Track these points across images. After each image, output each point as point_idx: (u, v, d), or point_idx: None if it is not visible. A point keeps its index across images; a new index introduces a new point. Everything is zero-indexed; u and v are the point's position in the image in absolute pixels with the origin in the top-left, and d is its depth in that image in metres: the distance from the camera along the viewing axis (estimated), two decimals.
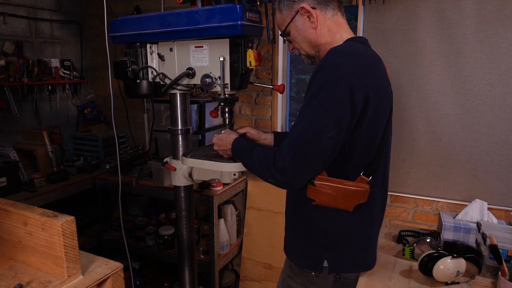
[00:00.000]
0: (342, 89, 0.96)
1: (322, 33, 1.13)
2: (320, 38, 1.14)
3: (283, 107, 2.55)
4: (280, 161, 1.00)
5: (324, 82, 0.98)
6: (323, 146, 0.97)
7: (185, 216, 1.65)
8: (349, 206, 1.07)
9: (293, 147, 0.99)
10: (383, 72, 1.08)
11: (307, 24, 1.13)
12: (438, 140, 2.08)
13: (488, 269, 1.26)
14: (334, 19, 1.14)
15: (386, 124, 1.08)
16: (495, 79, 1.90)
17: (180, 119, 1.56)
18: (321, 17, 1.12)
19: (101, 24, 2.96)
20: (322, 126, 0.96)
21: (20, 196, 2.11)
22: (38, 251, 0.82)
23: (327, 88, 0.97)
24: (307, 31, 1.14)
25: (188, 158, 1.40)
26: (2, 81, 2.32)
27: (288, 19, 1.15)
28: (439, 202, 2.14)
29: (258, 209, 2.46)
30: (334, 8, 1.13)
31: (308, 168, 1.00)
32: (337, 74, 0.97)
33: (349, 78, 0.96)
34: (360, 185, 1.06)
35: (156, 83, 1.49)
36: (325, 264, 1.12)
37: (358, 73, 0.97)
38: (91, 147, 2.75)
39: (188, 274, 1.74)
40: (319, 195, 1.07)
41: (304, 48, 1.18)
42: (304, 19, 1.13)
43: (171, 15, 1.34)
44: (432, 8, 1.96)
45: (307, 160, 0.99)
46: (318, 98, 0.97)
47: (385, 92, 1.07)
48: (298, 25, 1.15)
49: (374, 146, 1.06)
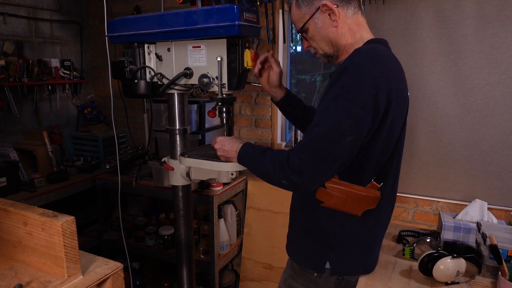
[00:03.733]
0: (367, 91, 0.93)
1: (343, 32, 1.08)
2: (340, 37, 1.09)
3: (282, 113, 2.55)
4: (296, 162, 0.96)
5: (349, 85, 0.94)
6: (343, 149, 0.94)
7: (183, 215, 1.65)
8: (358, 211, 1.06)
9: (311, 149, 0.95)
10: (403, 76, 1.06)
11: (328, 22, 1.08)
12: (438, 140, 2.08)
13: (488, 269, 1.26)
14: (355, 18, 1.09)
15: (401, 129, 1.05)
16: (495, 79, 1.90)
17: (178, 119, 1.56)
18: (343, 15, 1.07)
19: (101, 24, 2.96)
20: (344, 129, 0.92)
21: (20, 196, 2.11)
22: (38, 251, 0.82)
23: (352, 90, 0.93)
24: (328, 30, 1.08)
25: (186, 157, 1.40)
26: (2, 81, 2.32)
27: (307, 16, 1.09)
28: (439, 202, 2.14)
29: (258, 209, 2.46)
30: (355, 6, 1.08)
31: (325, 171, 0.97)
32: (363, 76, 0.93)
33: (375, 80, 0.93)
34: (370, 191, 1.04)
35: (154, 83, 1.49)
36: (327, 265, 1.12)
37: (383, 76, 0.94)
38: (91, 147, 2.75)
39: (186, 274, 1.74)
40: (328, 198, 1.05)
41: (322, 47, 1.13)
42: (325, 17, 1.07)
43: (169, 15, 1.34)
44: (432, 8, 1.96)
45: (324, 163, 0.95)
46: (342, 100, 0.94)
47: (404, 97, 1.04)
48: (318, 22, 1.09)
49: (388, 152, 1.04)
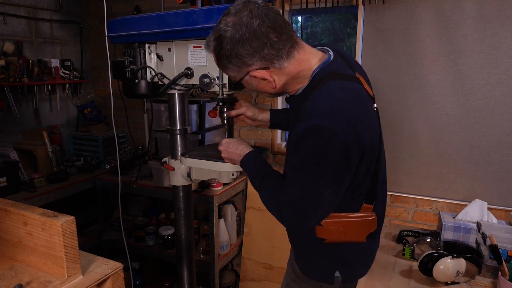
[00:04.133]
0: (336, 151, 0.88)
1: (285, 81, 0.99)
2: (283, 86, 1.01)
3: (283, 107, 2.55)
4: (284, 212, 0.98)
5: (315, 149, 0.89)
6: (323, 203, 0.94)
7: (184, 216, 1.65)
8: (362, 237, 1.06)
9: (293, 207, 0.96)
10: (365, 100, 0.97)
11: (263, 82, 0.99)
12: (438, 140, 2.08)
13: (488, 269, 1.26)
14: (292, 61, 0.95)
15: (378, 151, 1.02)
16: (495, 79, 1.90)
17: (178, 119, 1.56)
18: (278, 72, 0.96)
19: (101, 24, 2.96)
20: (321, 186, 0.91)
21: (20, 196, 2.11)
22: (38, 251, 0.82)
23: (320, 154, 0.89)
24: (265, 88, 1.02)
25: (186, 158, 1.40)
26: (2, 81, 2.32)
27: (238, 77, 1.00)
28: (439, 202, 2.13)
29: (258, 209, 2.46)
30: (288, 51, 0.93)
31: (310, 221, 0.99)
32: (327, 139, 0.87)
33: (341, 139, 0.87)
34: (366, 215, 1.04)
35: (155, 83, 1.49)
36: (337, 274, 1.11)
37: (348, 131, 0.88)
38: (91, 147, 2.75)
39: (186, 274, 1.74)
40: (329, 234, 1.06)
41: (266, 95, 1.11)
42: (257, 80, 0.99)
43: (169, 15, 1.34)
44: (432, 8, 1.96)
45: (307, 216, 0.97)
46: (312, 163, 0.90)
47: (373, 125, 0.98)
48: (252, 84, 1.01)
49: (370, 175, 1.03)
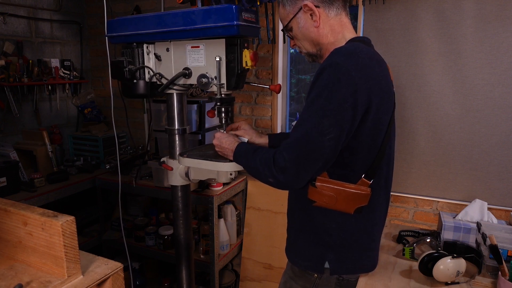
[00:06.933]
0: (345, 91, 0.95)
1: (324, 32, 1.11)
2: (322, 37, 1.12)
3: (283, 107, 2.55)
4: (281, 161, 1.00)
5: (327, 84, 0.96)
6: (324, 147, 0.97)
7: (182, 215, 1.65)
8: (350, 209, 1.07)
9: (294, 148, 0.99)
10: (386, 73, 1.07)
11: (310, 22, 1.11)
12: (438, 140, 2.08)
13: (488, 269, 1.26)
14: (337, 18, 1.11)
15: (388, 125, 1.07)
16: (495, 79, 1.90)
17: (177, 119, 1.56)
18: (324, 16, 1.10)
19: (101, 24, 2.96)
20: (324, 127, 0.96)
21: (20, 196, 2.11)
22: (38, 251, 0.82)
23: (329, 90, 0.96)
24: (309, 29, 1.12)
25: (185, 157, 1.40)
26: (2, 81, 2.32)
27: (291, 15, 1.13)
28: (439, 202, 2.13)
29: (258, 209, 2.46)
30: (338, 7, 1.11)
31: (308, 169, 1.00)
32: (340, 76, 0.95)
33: (352, 79, 0.95)
34: (361, 188, 1.06)
35: (153, 83, 1.49)
36: (327, 265, 1.12)
37: (361, 75, 0.96)
38: (91, 147, 2.75)
39: (185, 274, 1.74)
40: (320, 197, 1.07)
41: (305, 46, 1.17)
42: (306, 17, 1.11)
43: (168, 16, 1.34)
44: (432, 8, 1.96)
45: (307, 161, 0.99)
46: (321, 100, 0.97)
47: (388, 93, 1.06)
48: (300, 22, 1.12)
49: (375, 149, 1.06)
